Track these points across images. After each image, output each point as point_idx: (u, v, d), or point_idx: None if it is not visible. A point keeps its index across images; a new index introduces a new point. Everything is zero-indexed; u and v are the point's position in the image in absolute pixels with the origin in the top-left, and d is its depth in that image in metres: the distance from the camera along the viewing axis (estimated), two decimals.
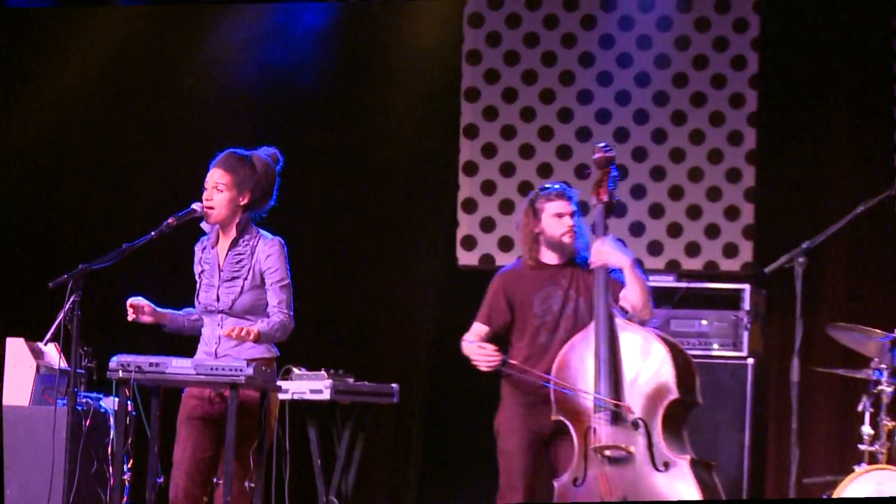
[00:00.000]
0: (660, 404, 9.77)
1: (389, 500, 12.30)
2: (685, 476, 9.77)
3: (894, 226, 12.08)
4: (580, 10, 12.50)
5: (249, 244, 9.27)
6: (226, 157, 9.32)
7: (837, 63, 12.56)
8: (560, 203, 9.75)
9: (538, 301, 9.78)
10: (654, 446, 9.79)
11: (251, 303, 9.18)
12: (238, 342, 9.12)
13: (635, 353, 9.83)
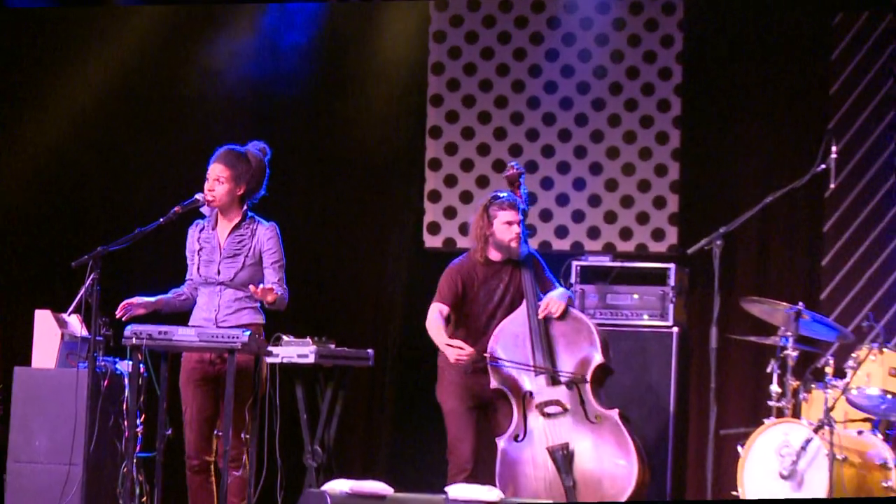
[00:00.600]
0: (588, 368, 9.88)
1: (365, 450, 12.25)
2: (616, 426, 9.85)
3: (798, 213, 12.10)
4: (530, 27, 12.45)
5: (250, 228, 9.38)
6: (225, 153, 9.35)
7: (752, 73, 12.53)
8: (510, 213, 9.93)
9: (484, 291, 9.99)
10: (586, 403, 9.90)
11: (248, 277, 9.26)
12: (236, 309, 9.18)
13: (568, 328, 9.98)
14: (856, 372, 9.54)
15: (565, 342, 10.00)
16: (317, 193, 12.78)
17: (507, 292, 10.00)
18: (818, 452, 9.33)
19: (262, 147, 9.46)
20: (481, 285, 10.00)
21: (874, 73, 12.11)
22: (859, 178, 12.03)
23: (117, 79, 12.18)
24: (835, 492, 9.17)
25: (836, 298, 11.98)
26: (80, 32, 12.21)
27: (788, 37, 12.46)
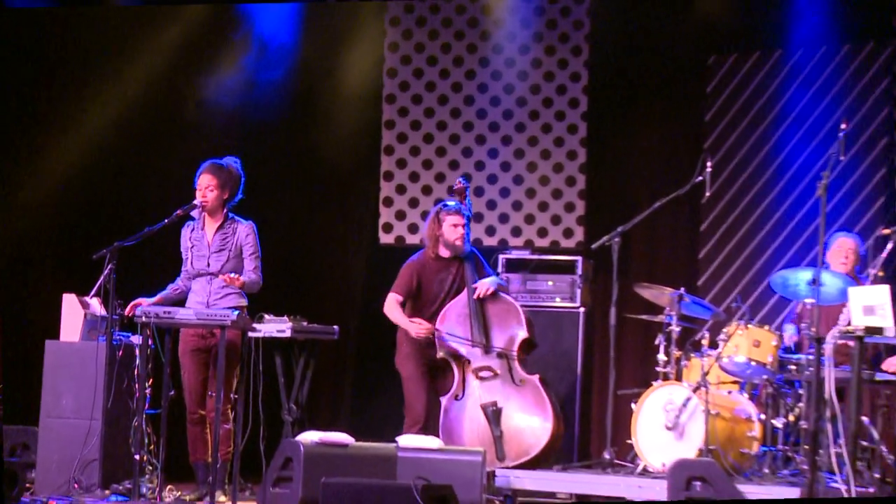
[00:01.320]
0: (516, 341, 9.98)
1: (331, 408, 12.27)
2: (536, 388, 9.95)
3: (681, 215, 12.17)
4: (465, 65, 12.40)
5: (232, 226, 9.48)
6: (211, 166, 9.49)
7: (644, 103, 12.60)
8: (456, 217, 10.11)
9: (436, 282, 10.16)
10: (513, 369, 9.98)
11: (233, 267, 9.42)
12: (223, 294, 9.30)
13: (500, 310, 10.11)
14: (726, 343, 9.54)
15: (497, 321, 10.12)
16: (292, 199, 12.74)
17: (454, 282, 10.16)
18: (696, 408, 9.33)
19: (236, 160, 9.60)
20: (433, 276, 10.16)
21: (741, 104, 12.20)
22: (729, 188, 12.11)
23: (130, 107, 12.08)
24: (709, 441, 9.17)
25: (711, 284, 12.08)
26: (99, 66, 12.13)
27: (674, 73, 12.49)
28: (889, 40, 11.68)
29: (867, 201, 11.55)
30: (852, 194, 11.56)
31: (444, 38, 12.49)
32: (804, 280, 9.55)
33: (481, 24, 12.45)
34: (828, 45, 11.90)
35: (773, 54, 12.13)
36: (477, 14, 12.47)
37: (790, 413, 9.53)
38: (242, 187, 9.57)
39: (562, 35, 12.34)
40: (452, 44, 12.49)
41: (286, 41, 12.68)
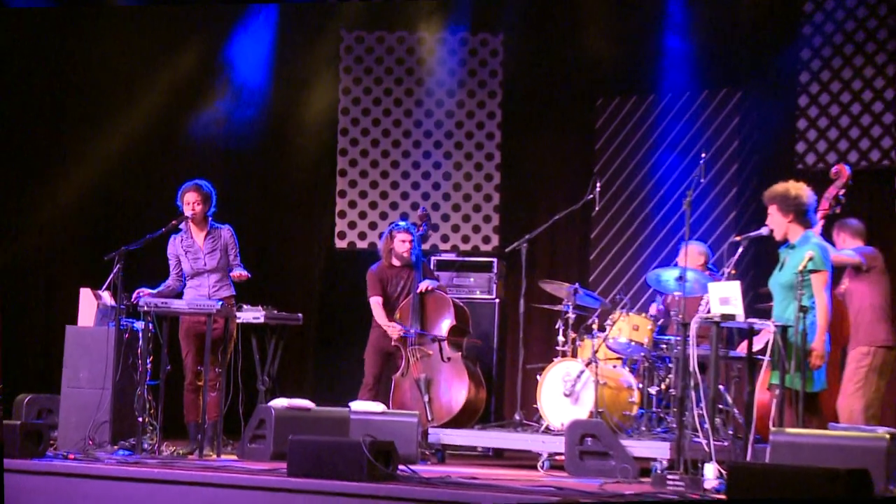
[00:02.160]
0: (445, 326, 10.09)
1: (296, 381, 12.23)
2: (459, 364, 10.03)
3: (576, 225, 12.23)
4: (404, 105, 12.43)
5: (216, 232, 9.49)
6: (194, 186, 9.52)
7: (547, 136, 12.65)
8: (404, 234, 10.28)
9: (391, 286, 10.29)
10: (443, 350, 10.03)
11: (223, 265, 9.38)
12: (220, 287, 9.34)
13: (435, 304, 10.23)
14: (612, 328, 9.60)
15: (433, 313, 10.20)
16: (264, 212, 12.74)
17: (406, 285, 10.26)
18: (588, 379, 9.38)
19: (207, 182, 9.59)
20: (389, 282, 10.30)
21: (623, 136, 12.27)
22: (613, 204, 12.16)
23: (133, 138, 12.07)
24: (598, 405, 9.20)
25: (599, 280, 12.14)
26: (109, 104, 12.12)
27: (570, 112, 12.57)
28: (737, 87, 11.77)
29: (722, 214, 11.64)
30: (711, 209, 11.64)
31: (386, 83, 12.51)
32: (673, 277, 9.62)
33: (416, 72, 12.50)
34: (690, 91, 11.98)
35: (648, 97, 12.20)
36: (413, 65, 12.51)
37: (662, 382, 9.60)
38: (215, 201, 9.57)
39: (480, 82, 12.41)
40: (393, 89, 12.51)
41: (258, 85, 12.63)
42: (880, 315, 8.89)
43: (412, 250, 10.25)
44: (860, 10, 11.12)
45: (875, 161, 11.01)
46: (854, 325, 8.86)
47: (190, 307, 9.26)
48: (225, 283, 9.49)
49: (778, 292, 8.21)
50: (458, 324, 10.15)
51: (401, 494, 7.27)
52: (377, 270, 10.34)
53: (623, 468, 8.51)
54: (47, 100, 11.99)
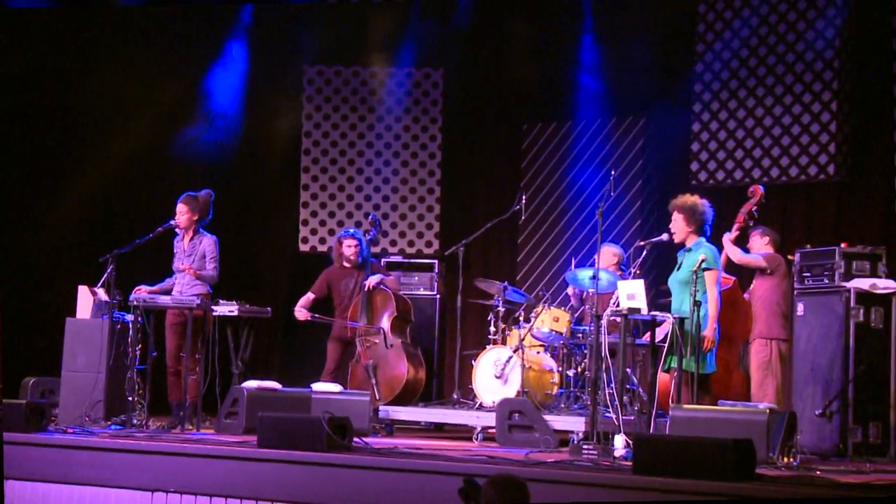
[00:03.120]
0: (387, 319, 9.97)
1: (265, 364, 12.14)
2: (401, 350, 9.96)
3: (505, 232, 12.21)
4: (358, 129, 12.45)
5: (199, 239, 9.43)
6: (185, 198, 9.43)
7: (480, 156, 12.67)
8: (350, 240, 10.16)
9: (342, 286, 10.16)
10: (387, 338, 9.95)
11: (198, 266, 9.25)
12: (192, 285, 9.35)
13: (380, 298, 10.08)
14: (536, 319, 9.58)
15: (379, 306, 10.10)
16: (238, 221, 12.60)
17: (356, 284, 10.12)
18: (515, 363, 9.35)
19: (208, 191, 9.50)
20: (340, 282, 10.16)
21: (545, 156, 12.30)
22: (538, 213, 12.21)
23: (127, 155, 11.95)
24: (524, 385, 9.18)
25: (525, 279, 12.14)
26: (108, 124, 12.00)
27: (500, 136, 12.62)
28: (641, 115, 11.81)
29: (629, 222, 11.67)
30: (619, 218, 11.67)
31: (343, 110, 12.52)
32: (588, 276, 9.61)
33: (369, 101, 12.52)
34: (601, 118, 12.02)
35: (566, 123, 12.23)
36: (366, 95, 12.53)
37: (579, 366, 9.59)
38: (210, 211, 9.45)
39: (424, 109, 12.43)
40: (349, 115, 12.52)
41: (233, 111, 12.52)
42: (776, 311, 8.97)
43: (359, 253, 10.14)
44: (743, 51, 11.21)
45: (756, 178, 11.06)
46: (755, 319, 8.92)
47: (174, 302, 9.20)
48: (198, 283, 9.39)
49: (676, 289, 8.26)
50: (399, 315, 10.09)
51: (355, 463, 7.29)
52: (328, 272, 10.25)
53: (545, 439, 8.50)
54: (57, 116, 11.87)
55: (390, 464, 7.20)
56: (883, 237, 10.30)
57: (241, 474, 7.48)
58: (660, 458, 6.62)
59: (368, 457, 7.39)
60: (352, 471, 7.24)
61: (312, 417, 7.83)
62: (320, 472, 7.30)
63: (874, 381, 8.69)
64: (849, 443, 8.58)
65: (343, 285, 10.18)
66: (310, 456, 7.38)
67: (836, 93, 10.66)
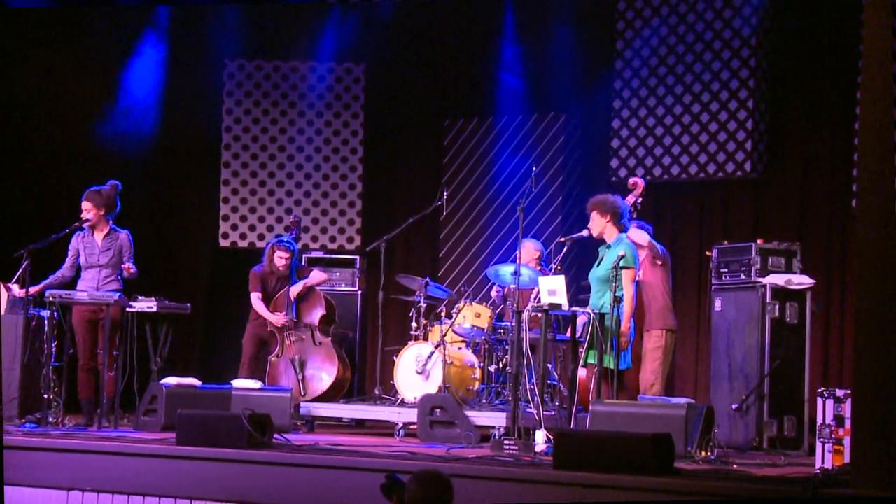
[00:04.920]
0: (317, 316, 9.93)
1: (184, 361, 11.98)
2: (329, 347, 9.93)
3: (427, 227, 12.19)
4: (279, 124, 12.33)
5: (114, 234, 9.29)
6: (89, 194, 9.35)
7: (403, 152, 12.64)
8: (282, 252, 10.10)
9: (269, 287, 10.09)
10: (315, 335, 9.90)
11: (115, 263, 9.14)
12: (108, 281, 9.09)
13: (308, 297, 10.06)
14: (457, 315, 9.58)
15: (306, 305, 10.06)
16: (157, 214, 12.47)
17: (282, 286, 10.05)
18: (437, 359, 9.35)
19: (113, 183, 9.40)
20: (268, 282, 10.08)
21: (467, 151, 12.31)
22: (460, 208, 12.19)
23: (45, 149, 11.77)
24: (446, 381, 9.18)
25: (447, 275, 12.11)
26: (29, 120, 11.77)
27: (423, 131, 12.59)
28: (562, 112, 11.87)
29: (550, 219, 11.72)
30: (541, 214, 11.71)
31: (264, 105, 12.37)
32: (509, 272, 9.65)
33: (289, 96, 12.38)
34: (522, 114, 12.05)
35: (488, 119, 12.23)
36: (287, 90, 12.39)
37: (500, 362, 9.61)
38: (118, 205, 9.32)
39: (345, 104, 12.35)
40: (270, 109, 12.37)
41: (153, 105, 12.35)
42: (669, 304, 9.11)
43: (289, 266, 10.10)
44: (662, 49, 11.31)
45: (675, 175, 11.19)
46: (648, 311, 9.02)
47: (91, 298, 9.06)
48: (113, 278, 9.28)
49: (595, 285, 8.33)
50: (327, 314, 10.05)
51: (276, 460, 7.25)
52: (260, 272, 10.16)
53: (467, 435, 8.52)
54: None
55: (311, 460, 7.18)
56: (798, 233, 10.50)
57: (159, 472, 7.41)
58: (580, 453, 6.68)
59: (289, 454, 7.35)
60: (272, 468, 7.21)
61: (232, 414, 7.79)
62: (240, 470, 7.26)
63: (789, 376, 8.86)
64: (764, 436, 8.73)
65: (270, 285, 10.14)
66: (230, 453, 7.34)
67: (752, 91, 10.81)
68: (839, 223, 10.51)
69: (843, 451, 6.97)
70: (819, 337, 10.12)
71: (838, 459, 7.00)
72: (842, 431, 7.02)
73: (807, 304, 8.98)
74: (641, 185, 9.19)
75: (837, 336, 10.39)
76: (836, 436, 7.06)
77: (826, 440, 7.10)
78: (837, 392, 7.12)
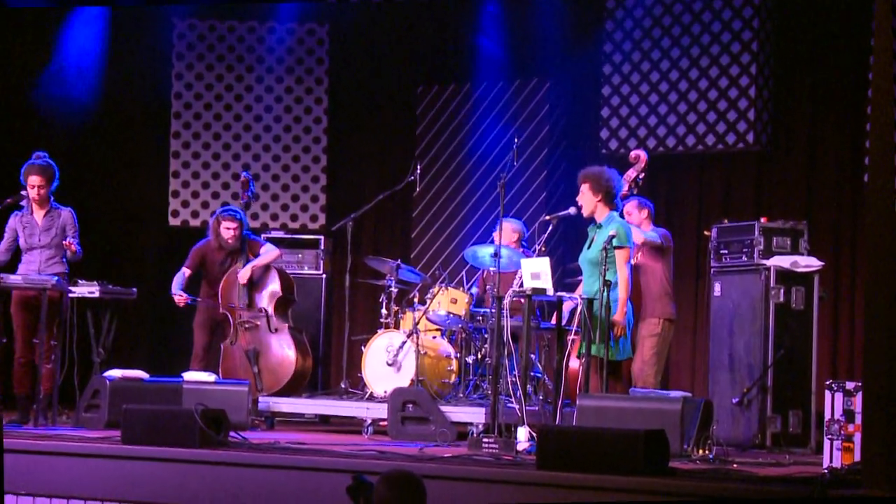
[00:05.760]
0: (273, 300, 9.88)
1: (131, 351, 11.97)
2: (286, 335, 9.90)
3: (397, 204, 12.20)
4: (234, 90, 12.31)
5: (56, 212, 9.24)
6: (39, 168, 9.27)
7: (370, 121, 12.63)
8: (230, 222, 10.01)
9: (217, 265, 10.01)
10: (270, 321, 9.87)
11: (57, 242, 9.11)
12: (51, 263, 9.09)
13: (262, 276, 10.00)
14: (431, 301, 9.59)
15: (260, 284, 10.02)
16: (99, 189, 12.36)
17: (232, 263, 10.00)
18: (409, 349, 9.34)
19: (45, 154, 9.32)
20: (216, 261, 10.04)
21: (442, 122, 12.28)
22: (434, 185, 12.20)
23: None
24: (419, 373, 9.19)
25: (420, 257, 12.13)
26: None
27: (393, 99, 12.60)
28: (546, 78, 11.87)
29: (534, 195, 11.73)
30: (523, 190, 11.73)
31: (218, 70, 12.35)
32: (488, 253, 9.65)
33: (246, 59, 12.34)
34: (504, 80, 12.05)
35: (465, 86, 12.23)
36: (243, 52, 12.34)
37: (478, 352, 9.63)
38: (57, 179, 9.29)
39: (308, 69, 12.33)
40: (224, 75, 12.35)
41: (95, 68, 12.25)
42: (668, 291, 9.13)
43: (238, 237, 10.02)
44: (657, 9, 11.31)
45: (671, 147, 11.21)
46: (645, 298, 9.03)
47: (25, 282, 8.99)
48: (56, 260, 9.23)
49: (586, 268, 8.32)
50: (283, 294, 9.99)
51: (232, 460, 7.23)
52: (203, 246, 10.11)
53: (442, 432, 8.53)
54: None
55: (270, 460, 7.17)
56: (805, 211, 10.54)
57: (102, 474, 7.39)
58: (566, 452, 6.68)
59: (246, 453, 7.34)
60: (228, 469, 7.18)
61: (183, 410, 7.78)
62: (192, 471, 7.24)
63: (794, 367, 8.90)
64: (767, 433, 8.77)
65: (218, 265, 10.07)
66: (181, 453, 7.32)
67: (755, 54, 10.83)
68: (850, 200, 10.56)
69: (854, 448, 7.01)
70: (827, 324, 10.18)
71: (848, 458, 7.04)
72: (852, 427, 7.06)
73: (814, 288, 9.02)
74: (644, 159, 9.18)
75: (847, 323, 10.45)
76: (845, 432, 7.09)
77: (835, 437, 7.14)
78: (847, 384, 7.15)
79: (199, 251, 10.11)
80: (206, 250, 10.09)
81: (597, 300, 7.98)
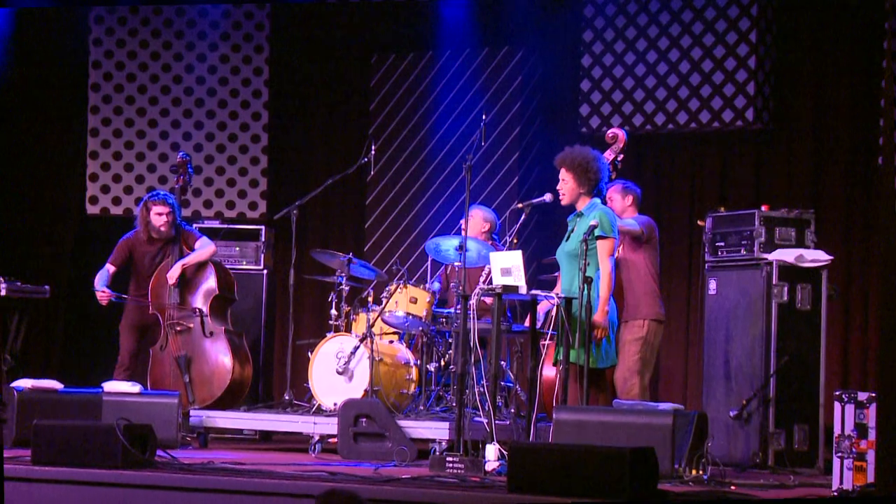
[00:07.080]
0: (208, 299, 9.88)
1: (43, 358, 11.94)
2: (223, 339, 9.90)
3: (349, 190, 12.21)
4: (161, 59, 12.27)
5: None
6: None
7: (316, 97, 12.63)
8: (161, 207, 10.02)
9: (147, 259, 10.00)
10: (204, 323, 9.88)
11: None
12: None
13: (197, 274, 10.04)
14: (388, 300, 9.60)
15: (194, 283, 10.01)
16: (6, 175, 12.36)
17: (164, 257, 10.00)
18: (363, 355, 9.32)
19: None
20: (145, 254, 10.04)
21: (399, 96, 12.29)
22: (390, 168, 12.20)
23: None
24: (374, 383, 9.18)
25: (375, 250, 12.15)
26: None
27: (343, 69, 12.59)
28: (519, 45, 11.88)
29: (504, 180, 11.75)
30: (492, 173, 11.75)
31: (142, 35, 12.28)
32: (453, 246, 9.65)
33: (175, 24, 12.28)
34: (470, 48, 12.07)
35: (426, 55, 12.24)
36: (172, 15, 12.29)
37: (442, 359, 9.64)
38: None
39: (246, 35, 12.29)
40: (150, 41, 12.28)
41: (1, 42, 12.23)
42: (654, 288, 9.15)
43: (171, 224, 9.99)
44: None
45: (660, 125, 11.25)
46: (628, 297, 9.03)
47: None
48: None
49: (565, 263, 8.33)
50: (221, 292, 9.99)
51: (159, 482, 7.23)
52: (131, 239, 10.09)
53: (400, 450, 8.54)
54: None
55: (204, 483, 7.15)
56: (811, 198, 10.59)
57: (10, 499, 7.32)
58: (541, 473, 6.70)
59: (176, 474, 7.33)
60: (154, 492, 7.18)
61: (104, 426, 7.75)
62: (114, 495, 7.22)
63: (800, 375, 8.95)
64: (769, 450, 8.82)
65: (148, 258, 10.04)
66: (101, 475, 7.31)
67: (755, 21, 10.88)
68: (861, 185, 10.62)
69: (867, 467, 7.05)
70: (837, 327, 10.25)
71: (860, 478, 7.09)
72: (864, 444, 7.11)
73: (822, 285, 9.07)
74: (623, 139, 9.21)
75: (860, 325, 10.52)
76: (857, 449, 7.14)
77: (845, 454, 7.18)
78: (860, 395, 7.20)
79: (125, 244, 10.07)
80: (135, 243, 10.06)
81: (576, 299, 7.99)
